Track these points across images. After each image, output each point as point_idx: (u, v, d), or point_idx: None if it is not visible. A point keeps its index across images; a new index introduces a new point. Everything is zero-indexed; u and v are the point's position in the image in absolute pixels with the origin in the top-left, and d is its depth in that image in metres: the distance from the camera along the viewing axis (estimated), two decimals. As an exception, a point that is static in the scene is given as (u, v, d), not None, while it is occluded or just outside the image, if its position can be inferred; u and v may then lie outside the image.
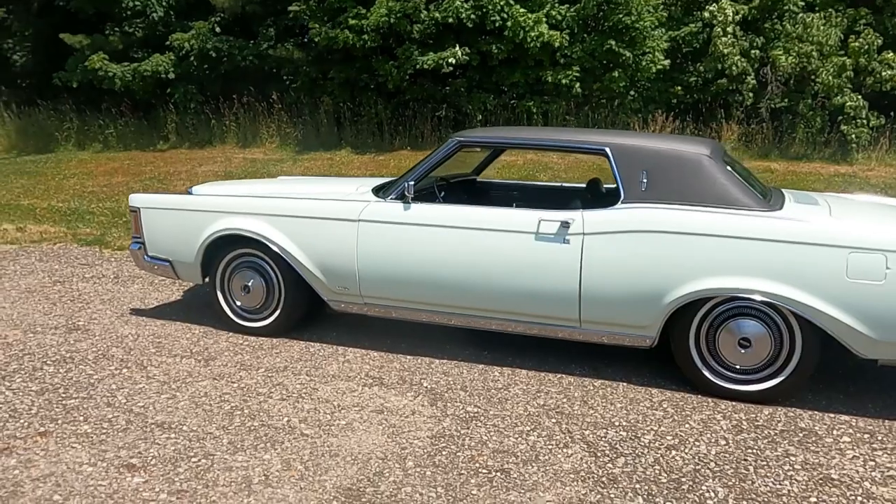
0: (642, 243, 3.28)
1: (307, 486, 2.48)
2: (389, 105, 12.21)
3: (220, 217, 4.09)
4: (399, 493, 2.45)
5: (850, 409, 3.23)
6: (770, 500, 2.46)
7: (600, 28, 11.17)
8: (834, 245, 3.03)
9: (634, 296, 3.31)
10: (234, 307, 4.20)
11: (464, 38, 11.39)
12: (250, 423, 2.99)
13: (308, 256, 3.89)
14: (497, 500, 2.41)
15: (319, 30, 11.30)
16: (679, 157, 3.41)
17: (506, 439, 2.87)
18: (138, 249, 4.38)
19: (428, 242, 3.64)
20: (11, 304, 4.80)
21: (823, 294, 3.04)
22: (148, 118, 13.11)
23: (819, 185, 8.94)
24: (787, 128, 10.66)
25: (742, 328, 3.25)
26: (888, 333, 3.01)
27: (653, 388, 3.43)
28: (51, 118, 13.41)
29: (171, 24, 12.52)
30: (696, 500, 2.45)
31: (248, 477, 2.54)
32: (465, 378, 3.54)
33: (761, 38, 10.88)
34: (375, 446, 2.80)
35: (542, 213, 3.48)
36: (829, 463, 2.74)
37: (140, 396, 3.26)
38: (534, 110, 11.44)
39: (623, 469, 2.65)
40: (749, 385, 3.29)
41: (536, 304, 3.50)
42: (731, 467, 2.68)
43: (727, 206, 3.25)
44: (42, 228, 7.61)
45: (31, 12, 13.65)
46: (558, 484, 2.53)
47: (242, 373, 3.58)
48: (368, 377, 3.54)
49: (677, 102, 11.66)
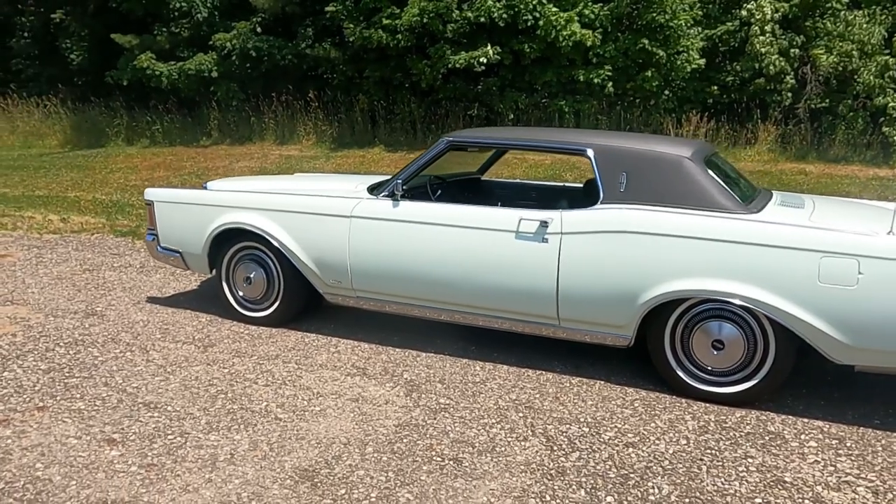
0: (618, 243, 3.33)
1: (267, 466, 2.63)
2: (423, 104, 12.37)
3: (225, 211, 4.29)
4: (351, 475, 2.58)
5: (827, 415, 3.20)
6: (713, 499, 2.49)
7: (634, 27, 11.07)
8: (806, 249, 3.01)
9: (610, 295, 3.36)
10: (238, 297, 4.40)
11: (496, 38, 11.46)
12: (230, 405, 3.17)
13: (304, 250, 4.05)
14: (442, 486, 2.52)
15: (354, 30, 11.54)
16: (658, 159, 3.44)
17: (468, 430, 2.97)
18: (152, 241, 4.63)
19: (414, 239, 3.76)
20: (41, 290, 5.13)
21: (796, 298, 3.03)
22: (192, 115, 13.60)
23: (854, 188, 8.69)
24: (826, 129, 10.37)
25: (716, 330, 3.26)
26: (861, 339, 2.99)
27: (629, 388, 3.46)
28: (102, 115, 14.05)
29: (215, 25, 12.96)
30: (638, 495, 2.50)
31: (215, 455, 2.71)
32: (447, 371, 3.64)
33: (801, 37, 10.58)
34: (341, 432, 2.93)
35: (523, 213, 3.55)
36: (787, 466, 2.74)
37: (136, 378, 3.48)
38: (566, 110, 11.42)
39: (575, 463, 2.72)
40: (722, 387, 3.30)
41: (517, 301, 3.58)
42: (684, 466, 2.72)
43: (704, 207, 3.26)
44: (84, 219, 8.03)
45: (87, 14, 14.31)
46: (507, 474, 2.62)
47: (236, 359, 3.77)
48: (353, 367, 3.68)
49: (713, 102, 11.45)
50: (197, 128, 13.51)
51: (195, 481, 2.51)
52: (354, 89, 12.73)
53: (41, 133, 14.61)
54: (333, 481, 2.53)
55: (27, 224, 7.76)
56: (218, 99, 13.13)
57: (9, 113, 15.01)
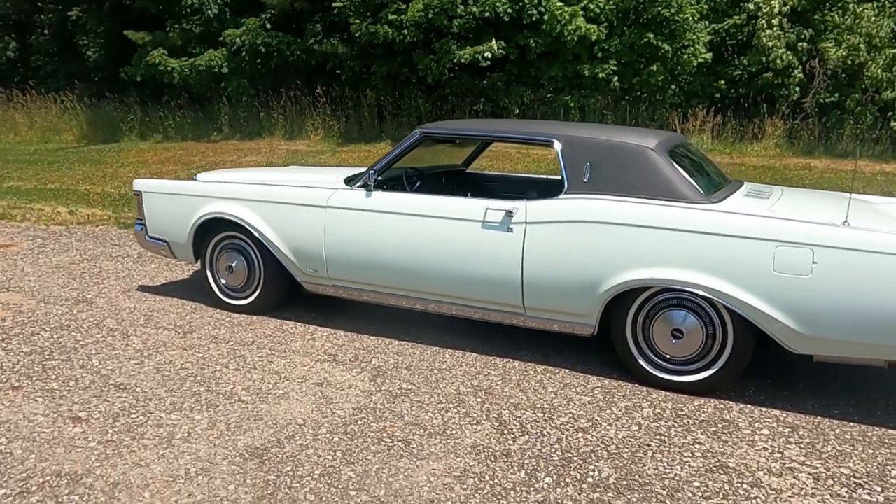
0: (580, 233, 3.36)
1: (220, 444, 2.72)
2: (430, 99, 12.43)
3: (208, 202, 4.39)
4: (300, 454, 2.66)
5: (787, 405, 3.22)
6: (651, 482, 2.53)
7: (640, 21, 11.02)
8: (761, 238, 3.03)
9: (572, 284, 3.40)
10: (221, 286, 4.50)
11: (502, 33, 11.48)
12: (197, 388, 3.27)
13: (282, 239, 4.14)
14: (385, 466, 2.59)
15: (360, 25, 11.63)
16: (621, 149, 3.46)
17: (423, 414, 3.03)
18: (141, 230, 4.75)
19: (385, 228, 3.83)
20: (37, 278, 5.28)
21: (752, 287, 3.05)
22: (203, 111, 13.81)
23: (858, 183, 8.58)
24: (834, 124, 10.24)
25: (675, 319, 3.29)
26: (816, 328, 3.00)
27: (592, 376, 3.50)
28: (117, 110, 14.32)
29: (226, 21, 13.14)
30: (577, 477, 2.55)
31: (172, 433, 2.80)
32: (415, 358, 3.71)
33: (810, 31, 10.46)
34: (299, 414, 3.01)
35: (489, 202, 3.60)
36: (733, 452, 2.76)
37: (112, 361, 3.59)
38: (571, 105, 11.41)
39: (521, 446, 2.77)
40: (682, 376, 3.32)
41: (484, 290, 3.63)
42: (630, 451, 2.75)
43: (665, 197, 3.28)
44: (91, 212, 8.22)
45: (104, 11, 14.59)
46: (452, 455, 2.68)
47: (212, 345, 3.87)
48: (325, 354, 3.76)
49: (721, 97, 11.36)
50: (208, 123, 13.72)
51: (148, 457, 2.61)
52: (362, 85, 12.83)
53: (58, 128, 14.94)
54: (281, 459, 2.61)
55: (36, 216, 7.96)
56: (228, 94, 13.31)
57: (27, 108, 15.36)
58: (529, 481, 2.51)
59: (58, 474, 2.47)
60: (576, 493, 2.44)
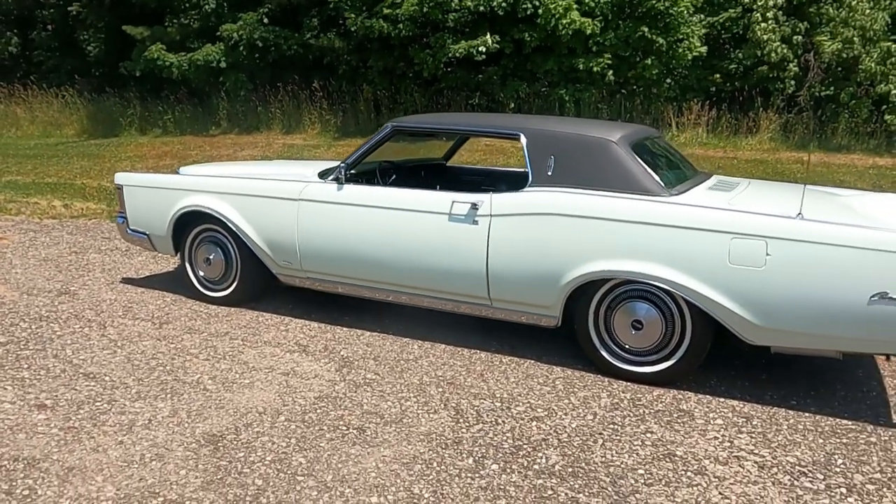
0: (542, 225, 3.40)
1: (179, 431, 2.78)
2: (427, 93, 12.47)
3: (186, 195, 4.45)
4: (255, 441, 2.72)
5: (745, 396, 3.25)
6: (596, 469, 2.58)
7: (635, 15, 11.00)
8: (717, 231, 3.05)
9: (534, 276, 3.43)
10: (199, 278, 4.57)
11: (498, 27, 11.49)
12: (165, 377, 3.33)
13: (257, 232, 4.20)
14: (337, 452, 2.64)
15: (356, 19, 11.67)
16: (584, 143, 3.50)
17: (383, 403, 3.09)
18: (122, 223, 4.82)
19: (355, 221, 3.88)
20: (24, 270, 5.37)
21: (707, 279, 3.08)
22: (202, 105, 13.89)
23: (850, 177, 8.58)
24: (829, 117, 10.21)
25: (635, 310, 3.33)
26: (771, 319, 3.02)
27: (557, 367, 3.54)
28: (117, 105, 14.43)
29: (224, 16, 13.20)
30: (524, 464, 2.60)
31: (134, 420, 2.87)
32: (384, 349, 3.76)
33: (805, 24, 10.42)
34: (261, 402, 3.07)
35: (455, 195, 3.64)
36: (683, 441, 2.80)
37: (85, 351, 3.66)
38: (566, 98, 11.42)
39: (474, 434, 2.82)
40: (643, 367, 3.36)
41: (451, 282, 3.68)
42: (581, 439, 2.80)
43: (626, 190, 3.31)
44: (86, 205, 8.31)
45: (104, 6, 14.67)
46: (405, 443, 2.73)
47: (186, 336, 3.93)
48: (296, 345, 3.82)
49: (716, 91, 11.34)
50: (207, 117, 13.80)
51: (107, 443, 2.68)
52: (359, 79, 12.88)
53: (59, 123, 15.06)
54: (236, 446, 2.68)
55: (31, 209, 8.05)
56: (226, 89, 13.39)
57: (29, 103, 15.49)
58: (476, 468, 2.56)
59: (16, 459, 2.54)
60: (520, 480, 2.49)
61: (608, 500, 2.38)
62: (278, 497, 2.34)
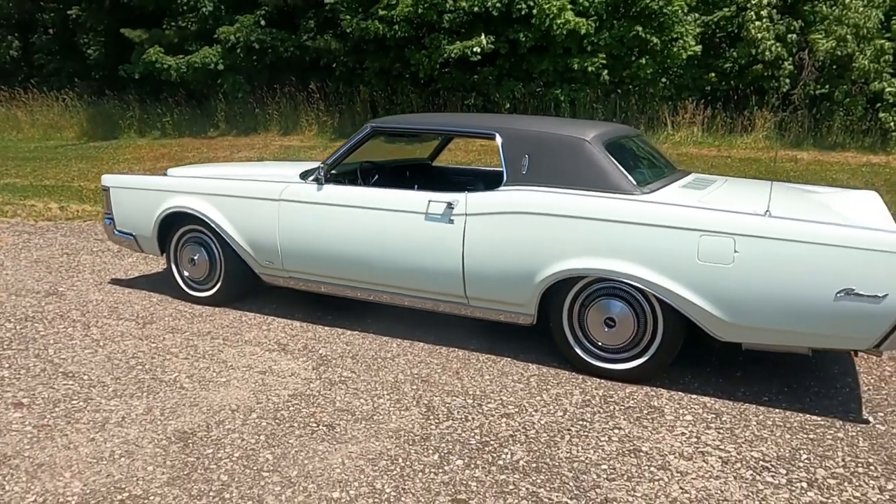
0: (516, 224, 3.43)
1: (151, 428, 2.82)
2: (423, 94, 12.50)
3: (171, 196, 4.50)
4: (225, 437, 2.75)
5: (718, 392, 3.27)
6: (560, 464, 2.60)
7: (629, 14, 11.01)
8: (686, 228, 3.08)
9: (509, 274, 3.46)
10: (184, 278, 4.61)
11: (493, 27, 11.51)
12: (143, 376, 3.37)
13: (239, 232, 4.24)
14: (305, 448, 2.68)
15: (351, 21, 11.71)
16: (559, 142, 3.52)
17: (355, 401, 3.12)
18: (109, 225, 4.87)
19: (334, 220, 3.91)
20: (15, 272, 5.42)
21: (677, 276, 3.10)
22: (201, 107, 13.97)
23: (843, 175, 8.57)
24: (824, 116, 10.20)
25: (608, 308, 3.35)
26: (739, 316, 3.04)
27: (533, 365, 3.57)
28: (116, 108, 14.51)
29: (221, 18, 13.27)
30: (488, 459, 2.62)
31: (107, 418, 2.91)
32: (363, 348, 3.79)
33: (800, 22, 10.41)
34: (235, 400, 3.11)
35: (431, 195, 3.67)
36: (650, 437, 2.82)
37: (67, 350, 3.71)
38: (562, 98, 11.43)
39: (442, 431, 2.85)
40: (616, 364, 3.38)
41: (428, 280, 3.71)
42: (549, 435, 2.82)
43: (598, 189, 3.34)
44: (81, 207, 8.37)
45: (103, 9, 14.76)
46: (373, 440, 2.76)
47: (168, 335, 3.98)
48: (276, 344, 3.86)
49: (712, 90, 11.34)
50: (205, 119, 13.87)
51: (78, 440, 2.72)
52: (356, 80, 12.92)
53: (60, 126, 15.16)
54: (205, 442, 2.71)
55: (27, 212, 8.12)
56: (224, 91, 13.45)
57: (29, 106, 15.59)
58: (440, 463, 2.59)
59: (-12, 456, 2.59)
60: (483, 475, 2.51)
61: (569, 495, 2.40)
62: (241, 492, 2.37)
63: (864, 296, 2.81)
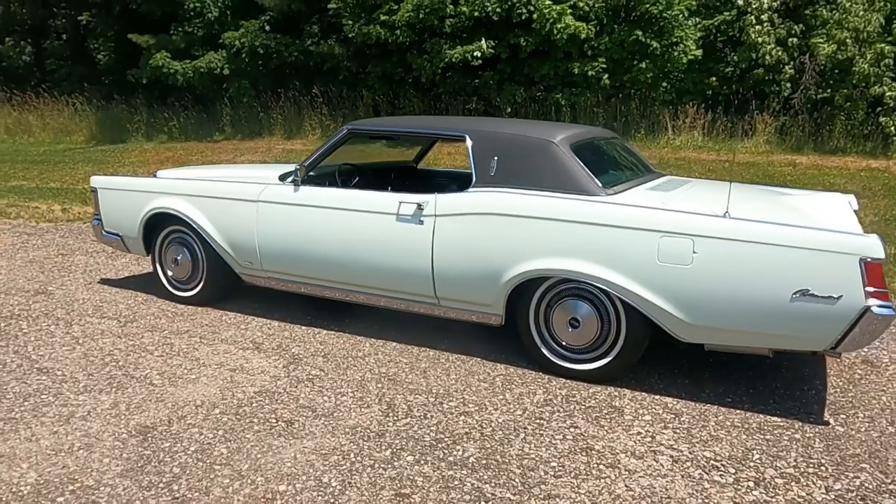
0: (482, 225, 3.46)
1: (114, 422, 2.89)
2: (425, 98, 12.58)
3: (155, 197, 4.58)
4: (184, 432, 2.81)
5: (682, 393, 3.28)
6: (510, 461, 2.63)
7: (629, 18, 11.03)
8: (646, 229, 3.10)
9: (476, 274, 3.49)
10: (168, 278, 4.69)
11: (494, 32, 11.58)
12: (115, 372, 3.44)
13: (219, 233, 4.31)
14: (260, 443, 2.72)
15: (353, 26, 11.82)
16: (526, 144, 3.55)
17: (318, 398, 3.17)
18: (98, 225, 4.96)
19: (309, 221, 3.97)
20: (8, 272, 5.53)
21: (638, 277, 3.12)
22: (207, 112, 14.13)
23: (840, 180, 8.52)
24: (824, 119, 10.14)
25: (572, 308, 3.37)
26: (699, 317, 3.06)
27: (501, 365, 3.60)
28: (124, 112, 14.72)
29: (227, 24, 13.44)
30: (439, 455, 2.66)
31: (73, 412, 2.98)
32: (336, 347, 3.84)
33: (801, 26, 10.36)
34: (200, 396, 3.17)
35: (402, 196, 3.72)
36: (605, 436, 2.84)
37: (46, 348, 3.79)
38: (562, 102, 11.46)
39: (399, 427, 2.88)
40: (581, 364, 3.40)
41: (400, 281, 3.75)
42: (503, 433, 2.85)
43: (562, 190, 3.37)
44: (84, 209, 8.50)
45: (113, 15, 15.00)
46: (329, 436, 2.80)
47: (147, 333, 4.05)
48: (251, 342, 3.92)
49: (713, 94, 11.31)
50: (211, 123, 14.04)
51: (41, 433, 2.79)
52: (359, 85, 13.03)
53: (69, 129, 15.41)
54: (164, 436, 2.77)
55: (30, 213, 8.27)
56: (230, 96, 13.61)
57: (41, 111, 15.86)
58: (391, 459, 2.62)
59: (-48, 447, 2.66)
60: (430, 471, 2.55)
61: (513, 491, 2.43)
62: (190, 484, 2.43)
63: (819, 297, 2.82)
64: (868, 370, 3.64)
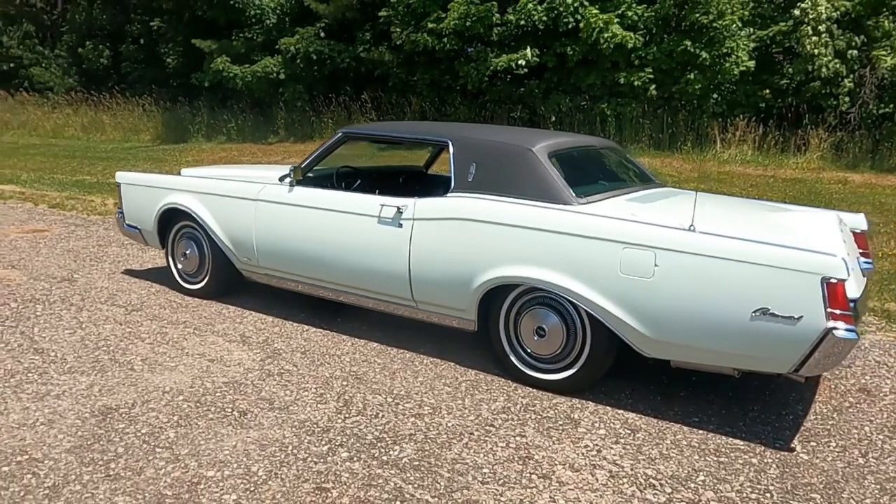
0: (457, 230, 3.48)
1: (81, 402, 3.05)
2: (472, 106, 12.64)
3: (168, 193, 4.81)
4: (143, 415, 2.94)
5: (647, 410, 3.20)
6: (442, 465, 2.63)
7: (679, 28, 10.77)
8: (609, 240, 3.05)
9: (449, 279, 3.51)
10: (179, 271, 4.91)
11: (541, 41, 11.54)
12: (102, 356, 3.64)
13: (222, 229, 4.48)
14: (207, 430, 2.82)
15: (401, 34, 12.01)
16: (504, 151, 3.55)
17: (281, 391, 3.25)
18: (120, 218, 5.24)
19: (301, 221, 4.08)
20: (45, 259, 5.90)
21: (600, 288, 3.07)
22: (263, 115, 14.63)
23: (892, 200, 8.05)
24: (884, 136, 9.62)
25: (539, 318, 3.35)
26: (661, 332, 2.98)
27: (472, 370, 3.60)
28: (187, 113, 15.42)
29: (285, 30, 13.89)
30: (374, 454, 2.69)
31: (50, 391, 3.17)
32: (318, 344, 3.93)
33: (862, 37, 9.87)
34: (172, 383, 3.31)
35: (384, 199, 3.78)
36: (549, 447, 2.81)
37: (50, 331, 4.03)
38: (608, 112, 11.30)
39: (347, 425, 2.93)
40: (547, 374, 3.37)
41: (380, 283, 3.81)
42: (447, 437, 2.85)
43: (535, 198, 3.35)
44: (133, 204, 8.94)
45: (182, 21, 15.74)
46: (276, 428, 2.88)
47: (147, 322, 4.25)
48: (239, 336, 4.05)
49: (766, 106, 10.90)
50: (266, 126, 14.52)
51: (14, 408, 2.98)
52: (408, 91, 13.21)
53: (138, 129, 16.25)
54: (122, 418, 2.91)
55: (84, 206, 8.79)
56: (285, 100, 14.05)
57: (113, 111, 16.80)
58: (326, 454, 2.67)
59: (-70, 415, 2.88)
60: (360, 468, 2.58)
61: (432, 493, 2.44)
62: (128, 463, 2.54)
63: (779, 316, 2.70)
64: (861, 398, 3.45)
